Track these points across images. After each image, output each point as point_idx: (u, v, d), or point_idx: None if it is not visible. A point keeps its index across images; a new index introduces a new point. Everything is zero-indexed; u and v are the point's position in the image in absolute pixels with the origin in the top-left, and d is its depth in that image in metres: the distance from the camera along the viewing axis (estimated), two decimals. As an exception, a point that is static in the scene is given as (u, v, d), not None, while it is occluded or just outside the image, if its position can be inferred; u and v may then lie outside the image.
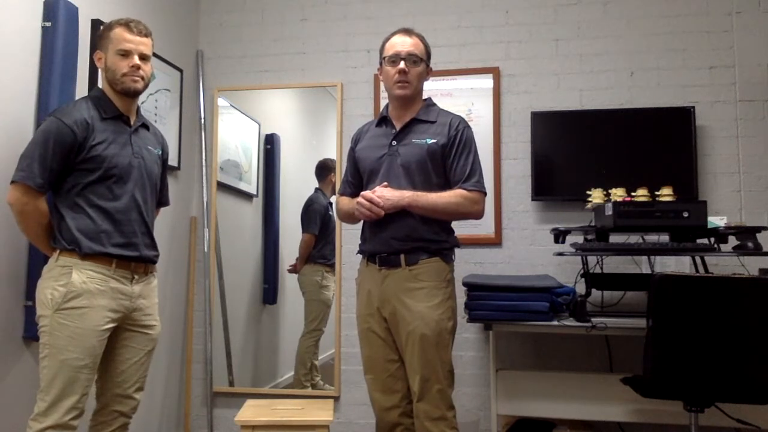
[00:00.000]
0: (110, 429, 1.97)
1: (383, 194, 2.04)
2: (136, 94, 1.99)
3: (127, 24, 1.96)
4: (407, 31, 2.16)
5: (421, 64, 2.14)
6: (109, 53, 1.95)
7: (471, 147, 2.13)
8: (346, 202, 2.25)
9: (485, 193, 2.13)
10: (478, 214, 2.11)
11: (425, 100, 2.23)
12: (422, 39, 2.17)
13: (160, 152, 2.14)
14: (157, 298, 2.09)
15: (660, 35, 2.94)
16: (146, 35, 2.00)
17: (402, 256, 2.06)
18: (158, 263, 2.68)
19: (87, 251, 1.83)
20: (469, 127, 2.17)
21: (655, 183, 2.58)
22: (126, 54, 1.94)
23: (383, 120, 2.22)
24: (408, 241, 2.05)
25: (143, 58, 1.98)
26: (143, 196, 2.01)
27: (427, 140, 2.10)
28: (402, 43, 2.13)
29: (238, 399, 3.08)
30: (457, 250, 2.19)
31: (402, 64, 2.09)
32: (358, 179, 2.25)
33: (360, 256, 2.22)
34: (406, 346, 2.04)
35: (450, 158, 2.10)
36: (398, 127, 2.15)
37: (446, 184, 2.11)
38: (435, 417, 2.00)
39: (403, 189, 2.06)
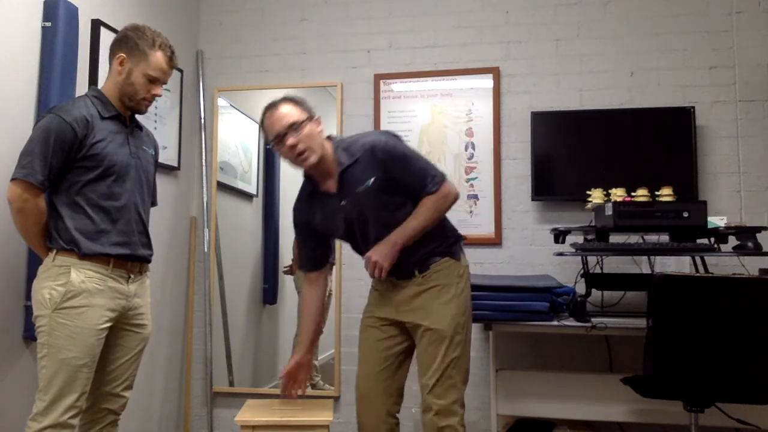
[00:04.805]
0: (100, 426, 1.97)
1: (376, 259, 1.99)
2: (141, 114, 2.03)
3: (165, 50, 1.96)
4: (273, 105, 2.02)
5: (305, 123, 1.98)
6: (139, 69, 1.93)
7: (405, 154, 2.02)
8: (316, 293, 2.20)
9: (445, 178, 2.05)
10: (455, 198, 2.06)
11: (330, 139, 2.09)
12: (291, 99, 2.03)
13: (153, 153, 2.14)
14: (149, 298, 2.09)
15: (660, 35, 2.94)
16: (175, 66, 2.03)
17: (416, 270, 2.07)
18: (158, 263, 2.67)
19: (86, 251, 1.83)
20: (386, 138, 2.03)
21: (655, 183, 2.58)
22: (154, 81, 1.95)
23: (315, 185, 2.11)
24: (418, 261, 2.06)
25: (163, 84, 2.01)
26: (141, 195, 2.01)
27: (367, 182, 2.01)
28: (277, 121, 1.98)
29: (238, 399, 3.08)
30: (457, 250, 2.19)
31: (290, 140, 1.95)
32: (323, 243, 2.19)
33: (360, 256, 2.22)
34: (420, 342, 2.05)
35: (398, 178, 2.02)
36: (334, 188, 2.06)
37: (409, 193, 2.04)
38: (444, 412, 2.00)
39: (380, 232, 2.02)
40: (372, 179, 2.00)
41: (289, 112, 1.98)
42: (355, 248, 2.15)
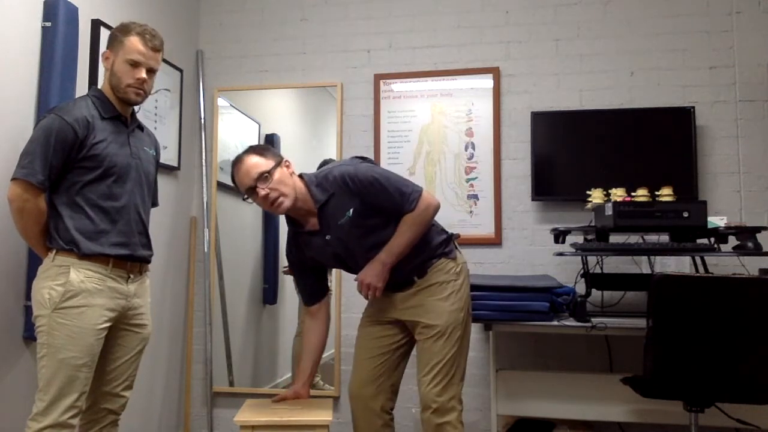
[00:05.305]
0: (100, 426, 1.97)
1: (368, 281, 2.01)
2: (135, 104, 2.00)
3: (143, 35, 1.93)
4: (239, 159, 2.03)
5: (274, 170, 1.99)
6: (119, 58, 1.93)
7: (377, 179, 2.00)
8: (319, 327, 2.23)
9: (422, 192, 2.04)
10: (436, 209, 2.05)
11: (301, 178, 2.08)
12: (256, 149, 2.04)
13: (154, 153, 2.14)
14: (149, 298, 2.09)
15: (660, 35, 2.94)
16: (159, 50, 1.98)
17: (415, 277, 2.09)
18: (158, 263, 2.68)
19: (86, 252, 1.83)
20: (355, 167, 2.04)
21: (655, 183, 2.58)
22: (135, 65, 1.93)
23: (298, 226, 2.13)
24: (415, 269, 2.08)
25: (150, 70, 1.97)
26: (141, 196, 2.01)
27: (348, 213, 2.01)
28: (245, 174, 1.99)
29: (238, 399, 3.08)
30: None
31: (261, 191, 1.97)
32: (320, 277, 2.22)
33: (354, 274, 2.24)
34: (418, 339, 2.07)
35: (376, 203, 2.01)
36: (316, 225, 2.07)
37: (389, 212, 2.04)
38: (442, 409, 2.00)
39: (368, 254, 2.03)
40: (351, 209, 2.01)
41: (256, 163, 1.99)
42: (348, 271, 2.18)
